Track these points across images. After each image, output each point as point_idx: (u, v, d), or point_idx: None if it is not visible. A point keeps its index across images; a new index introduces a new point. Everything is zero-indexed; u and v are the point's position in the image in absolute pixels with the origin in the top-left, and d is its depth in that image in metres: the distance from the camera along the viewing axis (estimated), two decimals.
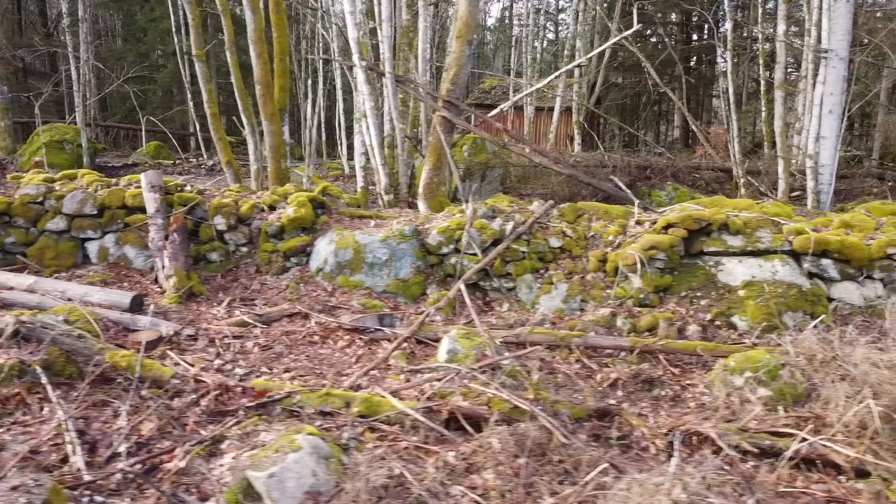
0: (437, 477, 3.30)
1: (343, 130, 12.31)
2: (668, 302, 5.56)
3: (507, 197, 6.68)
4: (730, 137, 9.61)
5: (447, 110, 6.57)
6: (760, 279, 5.46)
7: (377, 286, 5.70)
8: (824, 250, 5.51)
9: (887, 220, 5.81)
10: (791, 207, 6.51)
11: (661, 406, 4.20)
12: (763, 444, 3.55)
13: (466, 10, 6.41)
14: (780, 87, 8.73)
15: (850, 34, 8.20)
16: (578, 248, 5.96)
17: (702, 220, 5.72)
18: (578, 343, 4.76)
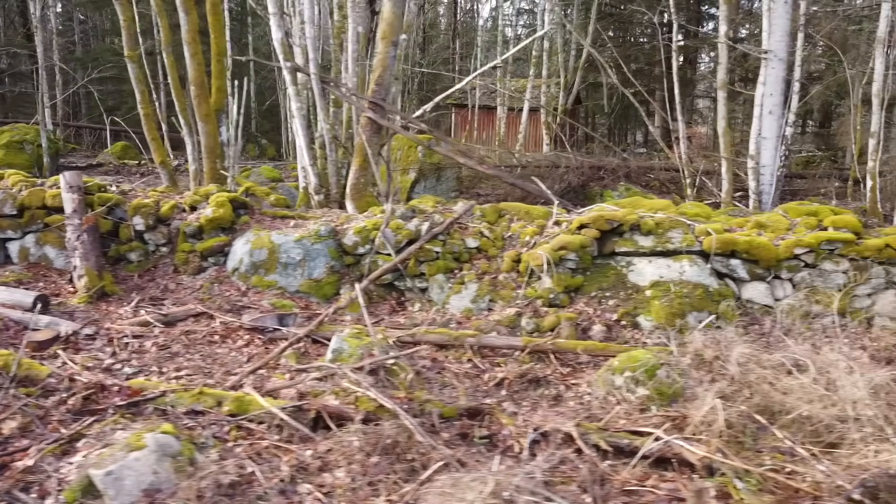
0: (288, 475, 3.33)
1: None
2: (577, 302, 5.59)
3: (433, 197, 6.70)
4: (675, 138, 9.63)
5: (373, 111, 6.60)
6: (668, 279, 5.49)
7: (291, 286, 5.73)
8: (733, 251, 5.54)
9: (801, 221, 5.83)
10: (710, 208, 6.53)
11: (541, 405, 4.22)
12: (621, 442, 3.58)
13: (391, 12, 6.44)
14: (722, 87, 8.74)
15: (788, 35, 8.23)
16: (495, 248, 5.98)
17: (613, 220, 5.74)
18: (472, 343, 4.78)
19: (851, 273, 5.45)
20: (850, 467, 3.41)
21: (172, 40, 7.78)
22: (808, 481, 3.27)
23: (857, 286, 5.45)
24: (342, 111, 7.61)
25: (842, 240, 5.43)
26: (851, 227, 5.59)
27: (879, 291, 5.44)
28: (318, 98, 6.91)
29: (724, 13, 8.59)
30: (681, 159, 9.50)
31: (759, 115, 8.49)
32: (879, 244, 5.40)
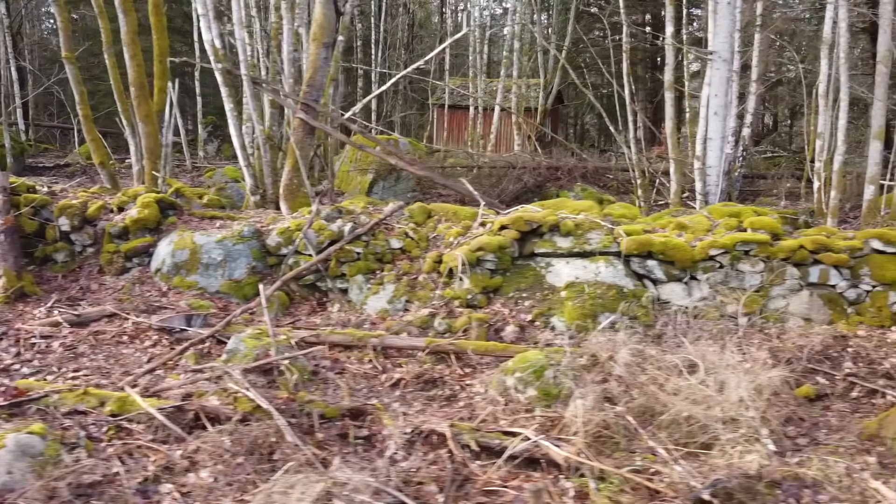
0: (153, 475, 3.36)
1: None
2: (495, 302, 5.60)
3: (366, 198, 6.73)
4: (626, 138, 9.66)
5: (305, 113, 6.62)
6: (583, 280, 5.51)
7: (211, 286, 5.75)
8: (649, 252, 5.55)
9: (723, 222, 5.85)
10: (637, 209, 6.55)
11: (432, 406, 4.24)
12: (492, 443, 3.60)
13: (321, 13, 6.46)
14: (669, 88, 8.76)
15: (731, 35, 8.24)
16: (418, 249, 6.00)
17: (533, 221, 5.76)
18: (375, 343, 4.80)
19: (767, 274, 5.47)
20: (716, 468, 3.44)
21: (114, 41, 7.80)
22: (665, 482, 3.29)
23: (772, 287, 5.47)
24: (279, 112, 7.62)
25: (756, 241, 5.45)
26: (769, 228, 5.61)
27: (794, 292, 5.46)
28: (251, 99, 6.94)
29: (669, 14, 8.61)
30: (631, 160, 9.52)
31: (704, 115, 8.50)
32: (793, 245, 5.42)
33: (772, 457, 3.55)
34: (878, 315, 5.29)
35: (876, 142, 8.25)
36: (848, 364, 4.75)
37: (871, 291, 5.37)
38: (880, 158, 8.24)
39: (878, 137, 8.23)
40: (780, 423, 3.99)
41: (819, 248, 5.39)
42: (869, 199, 8.35)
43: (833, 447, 3.72)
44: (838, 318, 5.35)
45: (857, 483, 3.32)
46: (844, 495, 3.26)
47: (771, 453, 3.59)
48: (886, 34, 8.03)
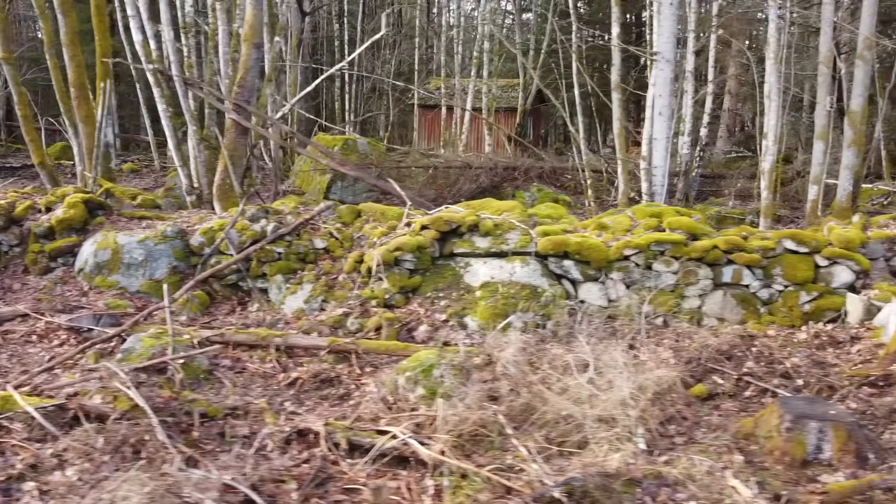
0: (18, 473, 3.38)
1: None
2: (413, 302, 5.63)
3: (297, 198, 6.75)
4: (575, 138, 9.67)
5: (237, 113, 6.64)
6: (498, 280, 5.53)
7: (132, 286, 5.77)
8: (566, 252, 5.58)
9: (644, 222, 5.87)
10: (564, 209, 6.57)
11: (322, 404, 4.27)
12: (364, 441, 3.63)
13: (252, 14, 6.49)
14: (615, 89, 8.78)
15: (675, 37, 8.26)
16: (342, 249, 6.02)
17: (452, 221, 5.78)
18: (279, 343, 4.82)
19: (681, 274, 5.49)
20: (580, 467, 3.46)
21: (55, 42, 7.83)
22: (523, 480, 3.31)
23: (687, 287, 5.49)
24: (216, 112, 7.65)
25: (670, 241, 5.47)
26: (686, 228, 5.63)
27: (708, 292, 5.48)
28: (182, 99, 6.96)
29: (615, 15, 8.64)
30: (581, 160, 9.54)
31: (650, 116, 8.53)
32: (707, 245, 5.44)
33: (639, 455, 3.58)
34: (790, 315, 5.31)
35: (819, 142, 8.28)
36: (749, 363, 4.76)
37: (784, 291, 5.39)
38: (823, 159, 8.26)
39: (821, 138, 8.26)
40: (661, 422, 4.01)
41: (732, 248, 5.42)
42: (813, 199, 8.38)
43: (706, 446, 3.73)
44: (751, 318, 5.38)
45: (717, 481, 3.35)
46: (703, 493, 3.28)
47: (639, 452, 3.62)
48: (827, 35, 8.06)
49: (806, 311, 5.31)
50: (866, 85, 7.99)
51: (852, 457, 3.48)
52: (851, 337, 5.03)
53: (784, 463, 3.56)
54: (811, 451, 3.53)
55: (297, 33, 12.77)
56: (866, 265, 5.32)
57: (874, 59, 7.85)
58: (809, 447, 3.53)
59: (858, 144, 7.97)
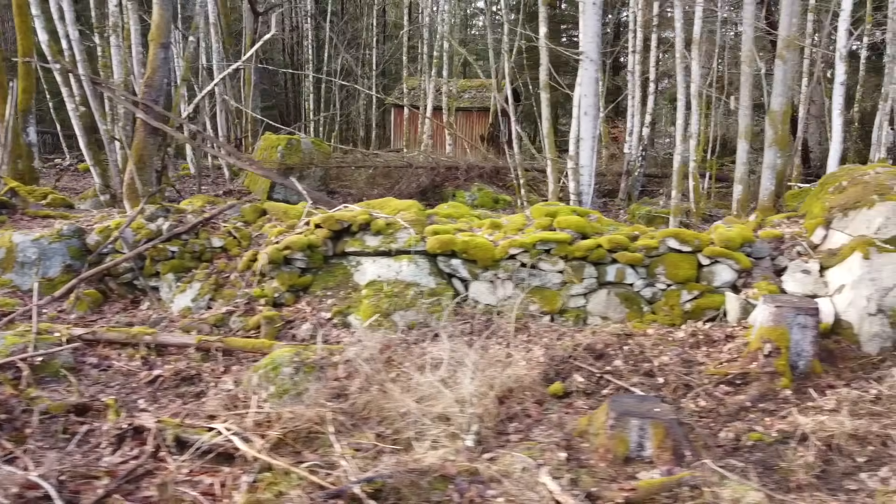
0: None
1: None
2: (302, 301, 5.65)
3: (206, 196, 6.77)
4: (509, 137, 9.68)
5: (145, 112, 6.66)
6: (385, 278, 5.55)
7: (24, 284, 5.79)
8: (454, 251, 5.59)
9: (538, 222, 5.89)
10: (467, 208, 6.59)
11: (176, 401, 4.28)
12: (192, 438, 3.64)
13: (158, 14, 6.51)
14: (543, 88, 8.79)
15: (598, 36, 8.27)
16: (239, 248, 6.04)
17: (344, 220, 5.80)
18: (149, 341, 4.84)
19: (567, 273, 5.51)
20: (399, 463, 3.47)
21: None
22: (334, 477, 3.33)
23: (572, 286, 5.51)
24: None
25: (555, 240, 5.49)
26: (576, 227, 5.65)
27: (592, 291, 5.50)
28: (91, 99, 6.98)
29: (542, 14, 8.64)
30: (513, 159, 9.55)
31: (576, 116, 8.54)
32: (591, 245, 5.46)
33: (462, 452, 3.60)
34: (671, 314, 5.33)
35: (742, 142, 8.29)
36: (617, 362, 4.79)
37: (666, 290, 5.41)
38: (747, 158, 8.28)
39: (744, 138, 8.27)
40: (502, 420, 4.04)
41: (616, 247, 5.44)
42: (738, 199, 8.39)
43: (536, 444, 3.75)
44: (634, 317, 5.40)
45: (531, 478, 3.37)
46: (515, 489, 3.30)
47: (463, 449, 3.64)
48: (749, 36, 8.08)
49: (687, 309, 5.33)
50: (787, 85, 8.00)
51: (669, 454, 3.50)
52: (726, 335, 5.04)
53: (607, 460, 3.58)
54: (633, 449, 3.56)
55: (250, 34, 12.80)
56: (746, 264, 5.34)
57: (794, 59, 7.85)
58: (632, 444, 3.56)
59: (780, 144, 7.98)
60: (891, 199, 5.14)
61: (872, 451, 3.74)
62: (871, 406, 4.16)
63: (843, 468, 3.62)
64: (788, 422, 3.96)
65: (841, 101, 6.90)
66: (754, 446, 3.80)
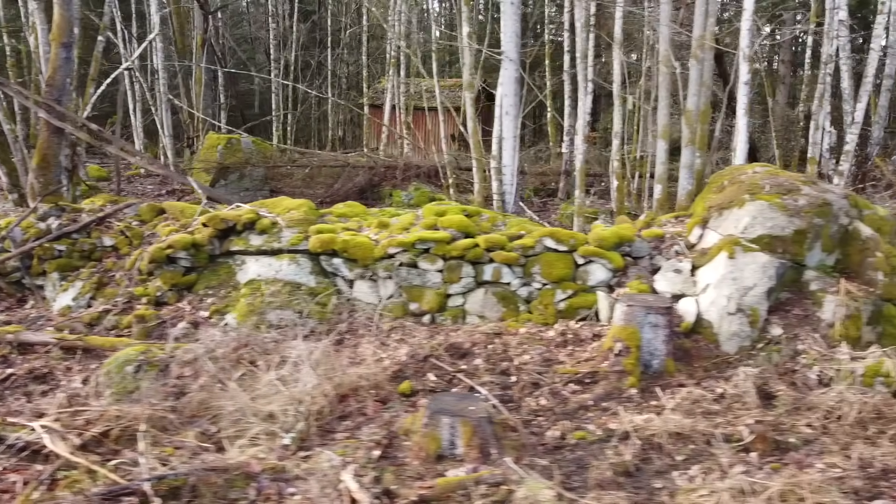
0: None
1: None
2: (184, 300, 5.66)
3: (108, 196, 6.78)
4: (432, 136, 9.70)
5: (47, 112, 6.68)
6: (264, 277, 5.56)
7: None
8: (335, 250, 5.61)
9: (425, 221, 5.89)
10: (363, 207, 6.60)
11: (21, 399, 4.30)
12: (7, 435, 3.66)
13: (59, 14, 6.52)
14: (467, 88, 8.81)
15: (518, 36, 8.28)
16: (130, 247, 6.05)
17: (229, 219, 5.81)
18: (11, 339, 4.86)
19: (446, 272, 5.52)
20: (206, 461, 3.49)
21: None
22: (133, 474, 3.34)
23: (451, 285, 5.52)
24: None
25: (434, 239, 5.50)
26: (459, 227, 5.66)
27: (470, 290, 5.52)
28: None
29: (464, 14, 8.66)
30: (443, 159, 9.56)
31: (498, 115, 8.56)
32: (468, 244, 5.47)
33: (275, 451, 3.62)
34: (545, 313, 5.34)
35: (661, 141, 8.30)
36: (478, 361, 4.80)
37: (542, 289, 5.42)
38: (666, 158, 8.28)
39: (663, 137, 8.27)
40: (336, 418, 4.05)
41: (493, 246, 5.45)
42: (658, 198, 8.39)
43: (357, 441, 3.77)
44: (511, 316, 5.41)
45: (335, 476, 3.38)
46: (316, 487, 3.31)
47: (279, 447, 3.66)
48: (665, 35, 8.08)
49: (561, 308, 5.34)
50: (706, 84, 8.01)
51: (477, 451, 3.52)
52: (594, 335, 5.06)
53: (420, 458, 3.60)
54: (446, 446, 3.58)
55: (200, 33, 12.82)
56: (619, 263, 5.35)
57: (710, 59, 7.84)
58: (444, 442, 3.58)
59: (699, 144, 7.99)
60: (760, 199, 5.16)
61: (693, 450, 3.76)
62: (710, 405, 4.19)
63: (658, 466, 3.64)
64: (620, 420, 3.98)
65: (745, 100, 6.91)
66: (577, 444, 3.82)
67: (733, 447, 3.74)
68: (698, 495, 3.25)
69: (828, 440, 3.86)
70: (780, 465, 3.58)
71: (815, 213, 5.08)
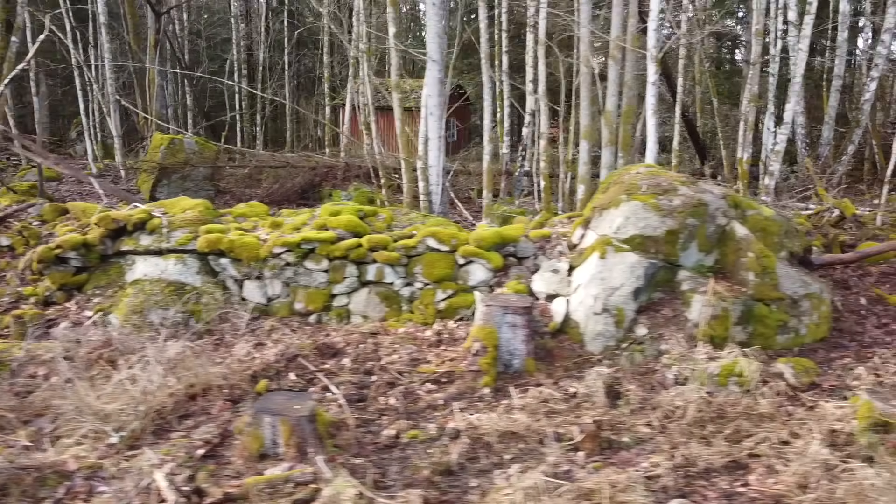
0: None
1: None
2: (73, 299, 5.68)
3: (14, 196, 6.80)
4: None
5: None
6: (150, 277, 5.58)
7: None
8: (221, 250, 5.63)
9: (316, 221, 5.91)
10: (264, 207, 6.62)
11: None
12: None
13: None
14: (395, 89, 8.84)
15: (440, 37, 8.30)
16: (26, 246, 6.07)
17: (119, 219, 5.83)
18: None
19: (332, 272, 5.54)
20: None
21: None
22: None
23: (335, 285, 5.54)
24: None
25: (318, 239, 5.53)
26: (345, 226, 5.68)
27: (354, 290, 5.54)
28: None
29: (391, 15, 8.69)
30: (374, 159, 9.58)
31: (424, 116, 8.58)
32: (352, 244, 5.49)
33: (98, 450, 3.63)
34: (425, 312, 5.36)
35: (583, 142, 8.33)
36: (346, 360, 4.83)
37: (423, 289, 5.44)
38: (588, 158, 8.31)
39: (585, 138, 8.31)
40: (177, 417, 4.06)
41: (376, 246, 5.47)
42: (581, 199, 8.43)
43: (190, 440, 3.79)
44: (393, 315, 5.43)
45: (147, 475, 3.40)
46: (130, 485, 3.32)
47: (105, 446, 3.68)
48: (585, 37, 8.11)
49: (441, 308, 5.36)
50: (627, 84, 8.05)
51: (295, 450, 3.54)
52: (468, 334, 5.07)
53: (244, 456, 3.62)
54: (269, 445, 3.59)
55: (153, 33, 12.84)
56: (498, 263, 5.37)
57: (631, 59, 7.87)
58: (267, 441, 3.59)
59: (621, 144, 8.02)
60: (636, 199, 5.18)
61: (522, 449, 3.78)
62: (557, 405, 4.21)
63: (483, 465, 3.65)
64: (456, 420, 4.00)
65: (653, 100, 6.93)
66: (408, 444, 3.84)
67: (563, 446, 3.76)
68: (503, 494, 3.27)
69: (662, 439, 3.88)
70: (602, 464, 3.61)
71: (689, 214, 5.10)
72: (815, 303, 5.22)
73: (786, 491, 3.37)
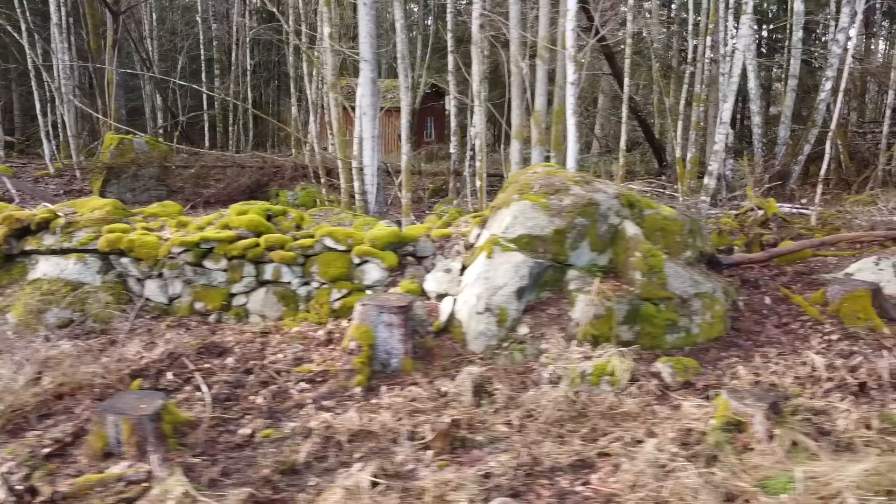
0: None
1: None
2: None
3: None
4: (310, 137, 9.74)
5: None
6: (49, 277, 5.59)
7: None
8: (122, 249, 5.64)
9: (221, 220, 5.93)
10: (180, 207, 6.64)
11: None
12: None
13: None
14: (331, 89, 8.86)
15: (372, 37, 8.31)
16: None
17: (22, 219, 5.85)
18: None
19: (230, 271, 5.56)
20: None
21: None
22: None
23: (233, 284, 5.56)
24: None
25: (217, 239, 5.54)
26: (247, 226, 5.70)
27: (252, 289, 5.55)
28: None
29: (325, 15, 8.70)
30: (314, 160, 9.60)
31: (358, 115, 8.60)
32: (249, 244, 5.51)
33: None
34: (320, 312, 5.38)
35: (514, 142, 8.34)
36: (230, 360, 4.84)
37: (319, 288, 5.46)
38: (520, 158, 8.33)
39: (516, 137, 8.32)
40: (36, 417, 4.07)
41: (273, 245, 5.49)
42: None
43: (40, 439, 3.80)
44: (290, 315, 5.45)
45: None
46: None
47: None
48: (515, 37, 8.12)
49: (336, 308, 5.38)
50: (557, 84, 8.05)
51: (136, 449, 3.55)
52: None
53: (90, 455, 3.63)
54: (113, 444, 3.60)
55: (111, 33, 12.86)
56: (393, 263, 5.39)
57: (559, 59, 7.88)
58: (111, 440, 3.60)
59: (552, 143, 8.03)
60: (527, 199, 5.19)
61: (373, 448, 3.79)
62: (423, 404, 4.21)
63: (330, 464, 3.66)
64: (313, 418, 4.02)
65: (573, 100, 6.94)
66: (260, 443, 3.85)
67: (415, 445, 3.77)
68: (330, 492, 3.29)
69: (517, 438, 3.89)
70: (448, 463, 3.62)
71: (579, 213, 5.12)
72: (708, 302, 5.23)
73: (618, 490, 3.39)
